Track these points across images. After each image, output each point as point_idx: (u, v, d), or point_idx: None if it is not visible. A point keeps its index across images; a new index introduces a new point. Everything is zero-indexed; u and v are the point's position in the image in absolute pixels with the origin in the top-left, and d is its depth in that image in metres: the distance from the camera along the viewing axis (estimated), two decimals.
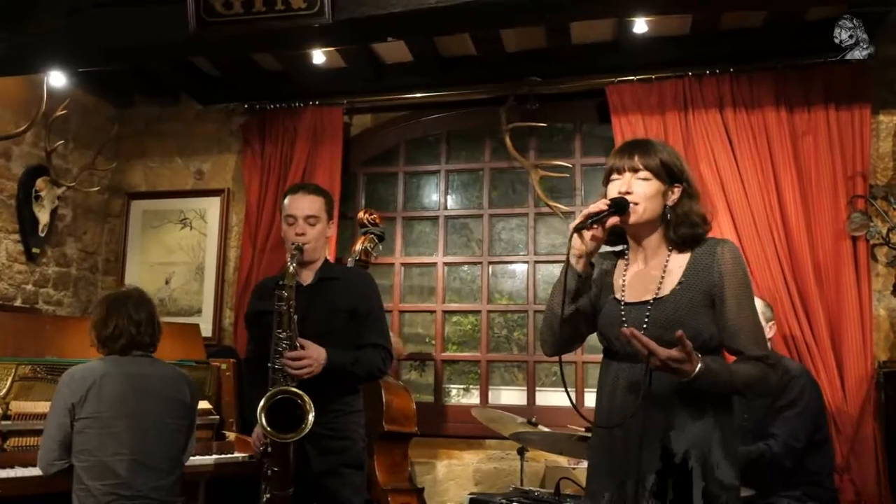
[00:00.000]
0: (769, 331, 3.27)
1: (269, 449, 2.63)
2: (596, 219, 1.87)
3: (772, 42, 3.85)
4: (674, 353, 1.72)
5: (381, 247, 3.84)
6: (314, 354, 2.65)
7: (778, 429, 3.01)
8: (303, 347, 2.64)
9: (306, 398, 2.55)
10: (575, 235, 1.90)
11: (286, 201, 2.89)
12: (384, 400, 3.67)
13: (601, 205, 1.89)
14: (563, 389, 1.95)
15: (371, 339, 2.84)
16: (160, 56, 3.94)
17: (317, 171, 4.38)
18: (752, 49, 3.91)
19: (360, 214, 3.83)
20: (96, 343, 2.78)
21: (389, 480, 3.66)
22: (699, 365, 1.73)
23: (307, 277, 2.86)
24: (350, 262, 3.69)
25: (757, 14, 3.71)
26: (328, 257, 2.99)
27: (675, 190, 1.95)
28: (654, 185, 1.93)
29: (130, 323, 2.75)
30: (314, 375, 2.64)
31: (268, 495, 2.64)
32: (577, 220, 1.89)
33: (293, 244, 2.78)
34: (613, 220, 1.90)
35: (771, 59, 3.90)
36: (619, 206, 1.90)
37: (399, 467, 3.79)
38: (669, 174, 1.94)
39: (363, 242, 3.73)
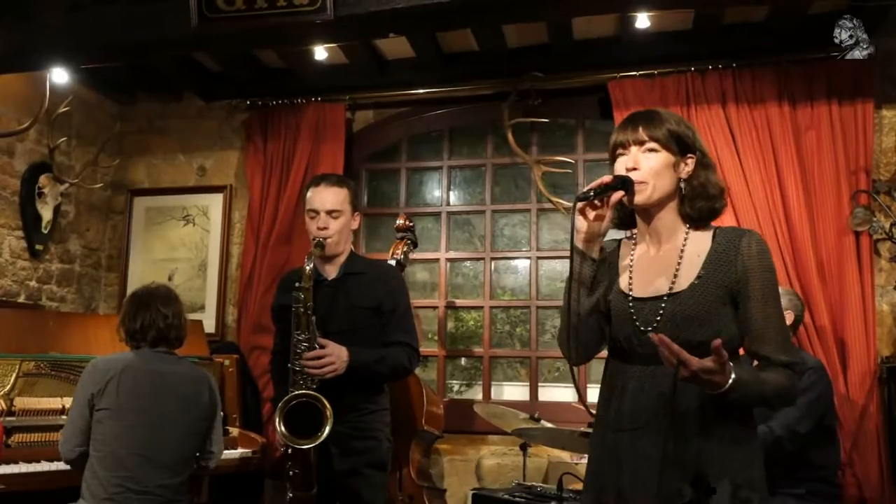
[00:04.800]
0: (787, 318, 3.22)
1: (290, 450, 2.58)
2: (600, 191, 1.69)
3: (774, 37, 3.84)
4: (707, 363, 1.53)
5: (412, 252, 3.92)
6: (335, 352, 2.59)
7: (781, 412, 2.87)
8: (322, 347, 2.59)
9: (326, 403, 2.50)
10: (578, 217, 1.72)
11: (308, 194, 2.82)
12: (425, 399, 3.72)
13: (606, 178, 1.72)
14: (566, 385, 1.88)
15: (397, 336, 2.77)
16: (162, 52, 3.94)
17: (319, 168, 4.37)
18: (754, 44, 3.90)
19: (399, 221, 3.89)
20: (124, 338, 2.78)
21: (418, 478, 3.71)
22: (732, 376, 1.55)
23: (331, 272, 2.81)
24: None
25: (760, 9, 3.70)
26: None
27: (689, 161, 1.78)
28: (662, 158, 1.75)
29: (158, 317, 2.74)
30: (338, 375, 2.58)
31: (290, 495, 2.61)
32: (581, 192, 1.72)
33: (314, 239, 2.72)
34: (618, 196, 1.71)
35: (774, 54, 3.88)
36: (625, 183, 1.73)
37: (425, 467, 3.87)
38: (680, 144, 1.77)
39: (402, 248, 3.79)
